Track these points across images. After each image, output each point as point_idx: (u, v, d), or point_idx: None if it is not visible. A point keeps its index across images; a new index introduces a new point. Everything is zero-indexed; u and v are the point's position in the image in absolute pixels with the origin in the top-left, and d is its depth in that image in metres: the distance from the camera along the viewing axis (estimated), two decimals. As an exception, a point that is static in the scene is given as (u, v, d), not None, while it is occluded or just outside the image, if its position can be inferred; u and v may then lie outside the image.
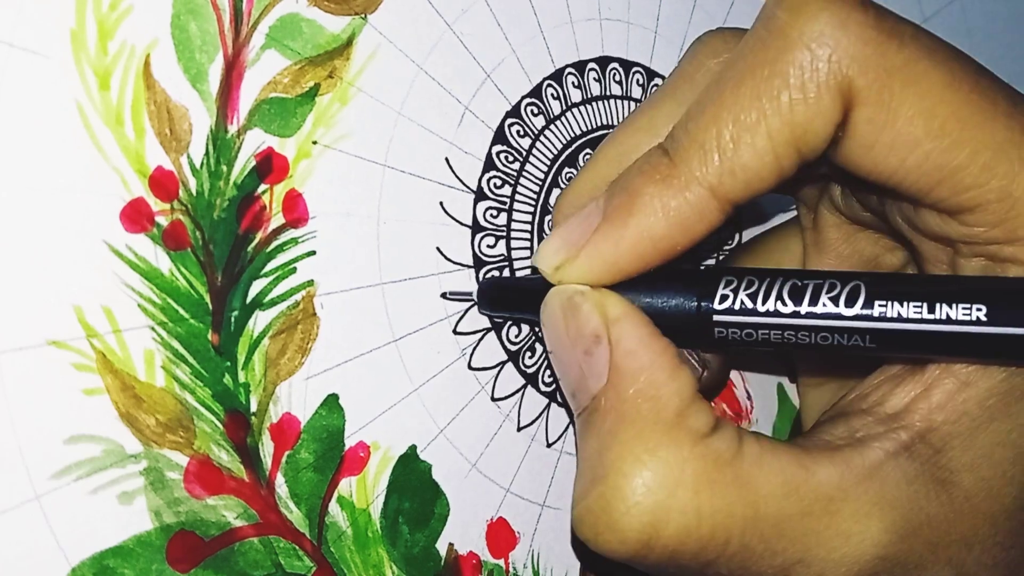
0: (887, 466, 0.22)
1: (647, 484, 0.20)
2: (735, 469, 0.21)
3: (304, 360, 0.24)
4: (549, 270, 0.23)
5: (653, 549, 0.21)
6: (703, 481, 0.20)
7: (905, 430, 0.22)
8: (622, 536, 0.21)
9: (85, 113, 0.20)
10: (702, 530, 0.20)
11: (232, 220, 0.23)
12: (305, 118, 0.24)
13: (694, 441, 0.21)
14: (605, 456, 0.21)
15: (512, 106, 0.29)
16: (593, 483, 0.21)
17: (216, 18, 0.22)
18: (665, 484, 0.20)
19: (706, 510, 0.20)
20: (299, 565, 0.24)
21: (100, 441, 0.20)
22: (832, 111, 0.20)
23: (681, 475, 0.20)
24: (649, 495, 0.20)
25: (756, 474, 0.21)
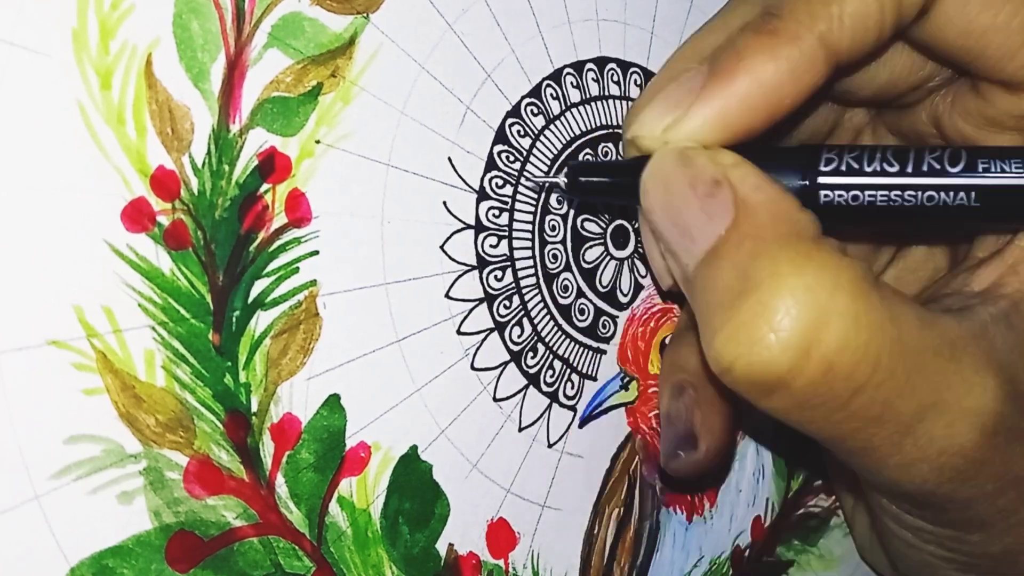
0: (992, 329, 0.21)
1: (806, 286, 0.19)
2: (880, 290, 0.20)
3: (306, 360, 0.24)
4: (656, 132, 0.22)
5: (811, 359, 0.19)
6: (860, 290, 0.19)
7: (1003, 299, 0.22)
8: (782, 339, 0.19)
9: (86, 112, 0.20)
10: (859, 340, 0.19)
11: (234, 220, 0.23)
12: (308, 117, 0.24)
13: (841, 256, 0.20)
14: (751, 273, 0.20)
15: (512, 106, 0.29)
16: (740, 300, 0.19)
17: (218, 17, 0.22)
18: (824, 287, 0.19)
19: (863, 318, 0.19)
20: (299, 565, 0.24)
21: (100, 441, 0.20)
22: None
23: (838, 279, 0.19)
24: (810, 296, 0.19)
25: (895, 300, 0.20)
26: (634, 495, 0.32)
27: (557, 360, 0.30)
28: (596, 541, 0.31)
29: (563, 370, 0.30)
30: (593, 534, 0.31)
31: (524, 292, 0.29)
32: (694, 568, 0.34)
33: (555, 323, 0.30)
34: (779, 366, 0.19)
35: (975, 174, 0.21)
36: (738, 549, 0.36)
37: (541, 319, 0.29)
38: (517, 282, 0.29)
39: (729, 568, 0.35)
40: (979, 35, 0.21)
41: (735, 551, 0.35)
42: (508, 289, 0.28)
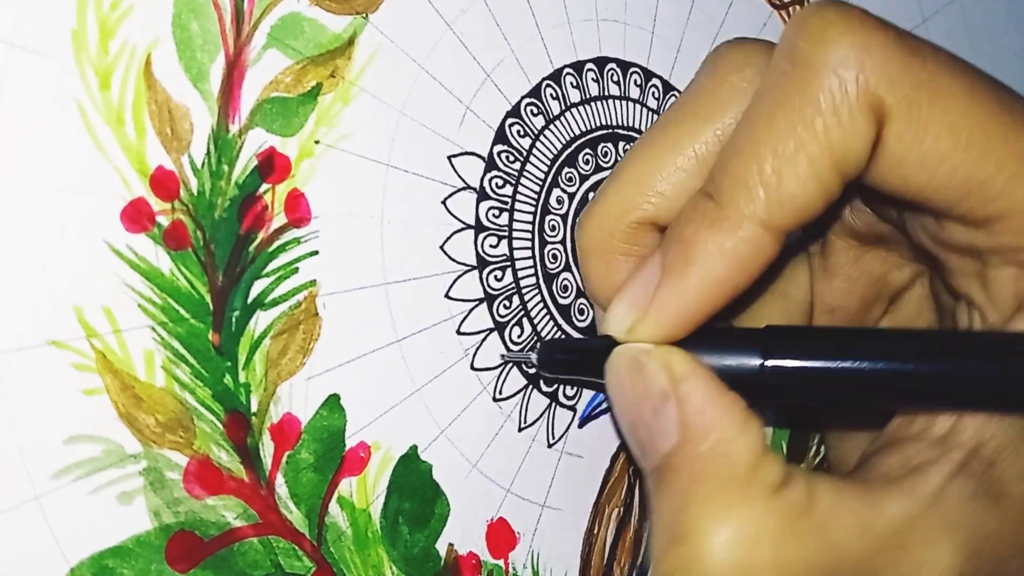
0: (947, 489, 0.22)
1: (728, 542, 0.20)
2: (811, 518, 0.21)
3: (305, 360, 0.24)
4: (622, 334, 0.23)
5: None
6: (782, 535, 0.20)
7: (958, 449, 0.22)
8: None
9: (86, 113, 0.20)
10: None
11: (233, 220, 0.23)
12: (307, 118, 0.24)
13: (769, 495, 0.21)
14: (682, 517, 0.21)
15: (512, 106, 0.29)
16: (671, 544, 0.21)
17: (217, 17, 0.22)
18: (745, 541, 0.20)
19: (790, 562, 0.20)
20: (299, 565, 0.24)
21: (100, 441, 0.20)
22: (867, 130, 0.21)
23: (760, 530, 0.20)
24: (731, 553, 0.20)
25: (831, 520, 0.21)
26: (634, 495, 0.32)
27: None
28: (596, 541, 0.31)
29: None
30: (593, 534, 0.31)
31: (524, 292, 0.29)
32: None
33: (555, 323, 0.30)
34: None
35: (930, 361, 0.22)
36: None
37: (541, 319, 0.29)
38: (517, 282, 0.29)
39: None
40: (917, 190, 0.21)
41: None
42: (508, 289, 0.28)
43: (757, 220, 0.21)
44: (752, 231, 0.21)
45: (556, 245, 0.30)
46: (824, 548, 0.20)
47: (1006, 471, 0.22)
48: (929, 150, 0.21)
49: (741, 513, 0.20)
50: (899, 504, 0.21)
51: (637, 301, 0.23)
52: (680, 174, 0.25)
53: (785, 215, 0.21)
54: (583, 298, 0.31)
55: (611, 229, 0.26)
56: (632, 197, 0.25)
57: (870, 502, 0.21)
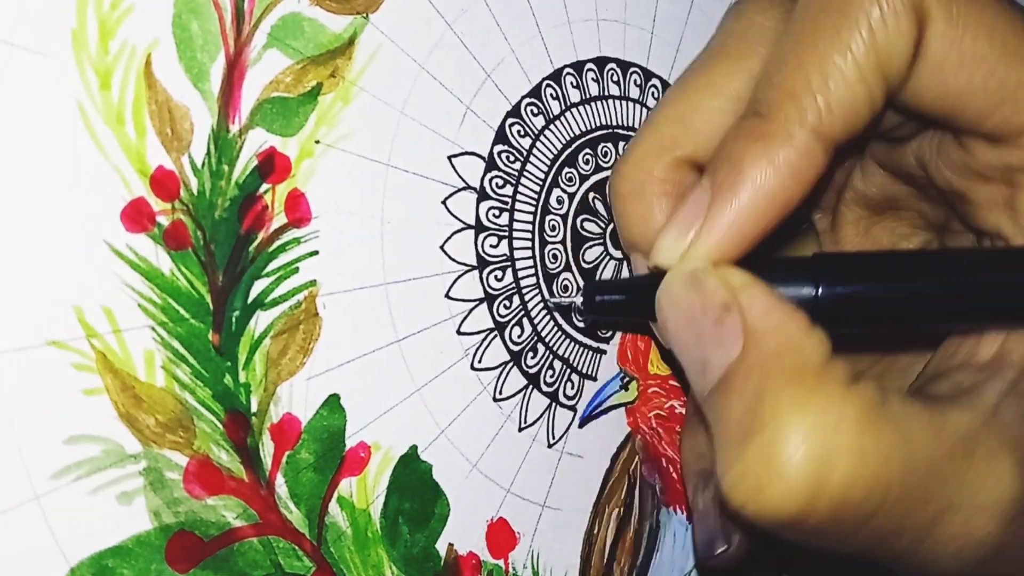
0: (1002, 406, 0.21)
1: (809, 428, 0.19)
2: (887, 413, 0.20)
3: (306, 360, 0.24)
4: (674, 258, 0.23)
5: (821, 498, 0.19)
6: (864, 422, 0.20)
7: (1009, 369, 0.22)
8: (790, 484, 0.19)
9: (86, 113, 0.20)
10: (867, 472, 0.19)
11: (234, 220, 0.23)
12: (307, 117, 0.24)
13: (845, 387, 0.20)
14: (757, 412, 0.20)
15: (512, 106, 0.29)
16: (747, 438, 0.20)
17: (218, 17, 0.22)
18: (826, 427, 0.19)
19: (870, 452, 0.20)
20: (299, 565, 0.24)
21: (100, 441, 0.20)
22: (910, 29, 0.21)
23: (842, 417, 0.20)
24: (813, 439, 0.19)
25: (905, 418, 0.20)
26: (634, 495, 0.32)
27: (557, 360, 0.30)
28: (596, 541, 0.31)
29: (563, 370, 0.30)
30: (593, 534, 0.31)
31: (524, 292, 0.29)
32: (694, 568, 0.34)
33: (555, 323, 0.30)
34: (789, 509, 0.20)
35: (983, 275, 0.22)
36: (738, 549, 0.36)
37: (541, 319, 0.29)
38: (517, 282, 0.29)
39: (729, 568, 0.35)
40: (955, 97, 0.21)
41: (735, 551, 0.35)
42: (508, 289, 0.28)
43: (808, 128, 0.21)
44: (803, 140, 0.21)
45: (556, 245, 0.30)
46: (902, 442, 0.20)
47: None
48: (968, 50, 0.21)
49: (819, 401, 0.20)
50: (962, 415, 0.21)
51: (688, 225, 0.22)
52: (715, 114, 0.25)
53: (835, 122, 0.21)
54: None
55: (649, 169, 0.25)
56: (670, 135, 0.25)
57: (938, 411, 0.21)
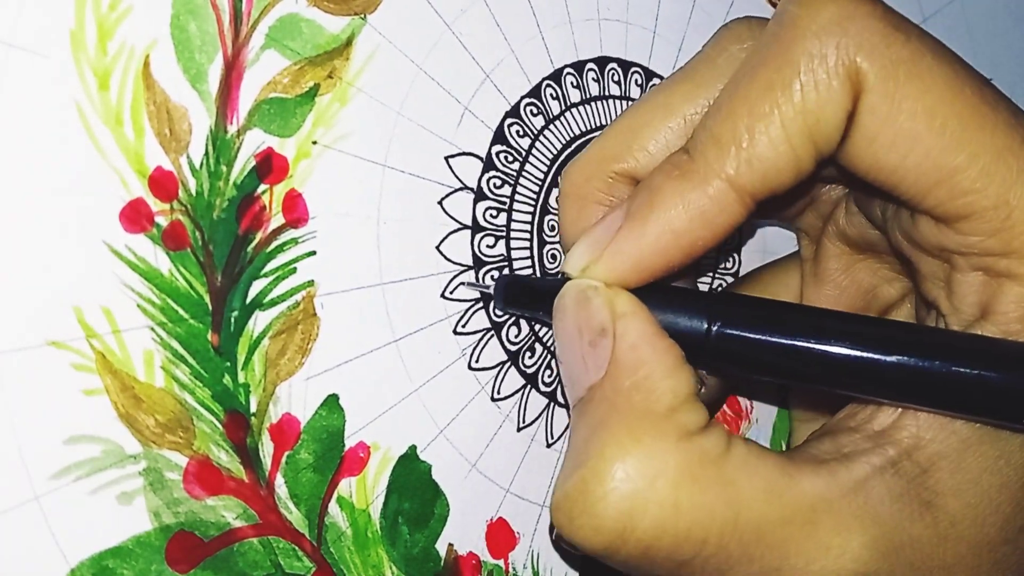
0: (872, 481, 0.21)
1: (627, 471, 0.20)
2: (719, 468, 0.21)
3: (304, 360, 0.24)
4: (576, 271, 0.23)
5: (627, 541, 0.20)
6: (685, 476, 0.20)
7: (893, 446, 0.22)
8: (597, 523, 0.20)
9: (84, 113, 0.20)
10: (679, 526, 0.20)
11: (232, 220, 0.23)
12: (305, 118, 0.24)
13: (680, 436, 0.21)
14: (590, 443, 0.21)
15: (512, 106, 0.29)
16: (574, 469, 0.21)
17: (215, 18, 0.22)
18: (645, 473, 0.20)
19: (685, 505, 0.20)
20: (298, 566, 0.24)
21: (99, 441, 0.20)
22: (842, 97, 0.20)
23: (663, 466, 0.20)
24: (628, 482, 0.20)
25: (740, 476, 0.21)
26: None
27: (555, 360, 0.30)
28: (597, 541, 0.31)
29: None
30: (594, 534, 0.31)
31: (523, 292, 0.29)
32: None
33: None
34: (596, 544, 0.20)
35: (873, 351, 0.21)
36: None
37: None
38: (516, 282, 0.28)
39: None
40: (889, 172, 0.21)
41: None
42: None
43: (724, 177, 0.21)
44: (718, 187, 0.21)
45: (555, 245, 0.30)
46: (726, 501, 0.20)
47: (942, 482, 0.22)
48: (902, 129, 0.21)
49: (647, 445, 0.20)
50: (816, 482, 0.21)
51: (597, 242, 0.23)
52: (668, 134, 0.25)
53: (754, 177, 0.21)
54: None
55: (591, 176, 0.26)
56: (617, 149, 0.25)
57: (787, 472, 0.21)
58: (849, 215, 0.27)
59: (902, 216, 0.24)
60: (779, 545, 0.20)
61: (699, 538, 0.20)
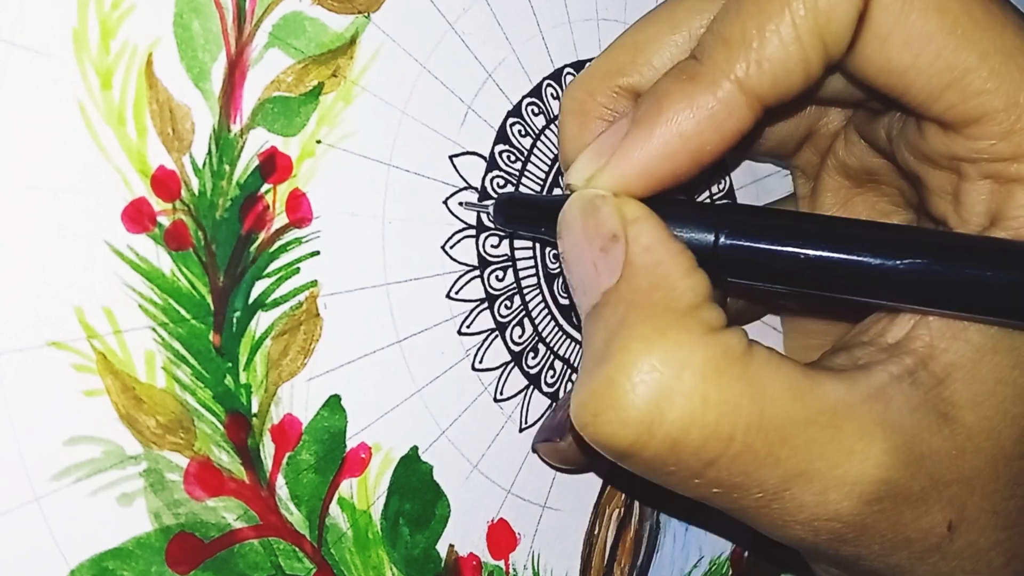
0: (891, 389, 0.21)
1: (654, 363, 0.19)
2: (744, 365, 0.20)
3: (306, 361, 0.24)
4: (581, 181, 0.23)
5: (655, 435, 0.19)
6: (711, 369, 0.20)
7: (909, 355, 0.22)
8: (624, 416, 0.19)
9: (87, 112, 0.20)
10: (707, 419, 0.19)
11: (235, 220, 0.22)
12: (309, 117, 0.24)
13: (705, 330, 0.20)
14: (612, 342, 0.20)
15: (513, 106, 0.29)
16: (597, 367, 0.20)
17: (219, 17, 0.22)
18: (672, 365, 0.19)
19: (712, 398, 0.19)
20: (299, 567, 0.24)
21: (100, 442, 0.20)
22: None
23: (690, 358, 0.19)
24: (655, 373, 0.19)
25: (764, 374, 0.20)
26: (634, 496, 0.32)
27: (558, 360, 0.30)
28: (596, 542, 0.31)
29: (564, 371, 0.30)
30: (593, 535, 0.31)
31: (525, 292, 0.29)
32: (694, 568, 0.34)
33: (556, 323, 0.30)
34: (622, 440, 0.20)
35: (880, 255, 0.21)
36: (737, 549, 0.36)
37: (542, 319, 0.29)
38: (518, 282, 0.29)
39: (728, 568, 0.35)
40: (900, 75, 0.21)
41: (734, 551, 0.35)
42: (509, 289, 0.28)
43: (734, 79, 0.21)
44: (727, 90, 0.21)
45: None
46: (752, 396, 0.20)
47: (957, 393, 0.22)
48: (914, 27, 0.20)
49: (673, 338, 0.20)
50: (837, 387, 0.21)
51: (602, 150, 0.22)
52: (673, 48, 0.25)
53: (763, 79, 0.21)
54: (584, 298, 0.30)
55: (594, 90, 0.25)
56: (621, 62, 0.25)
57: (809, 376, 0.21)
58: (849, 145, 0.27)
59: (909, 130, 0.23)
60: (803, 447, 0.20)
61: (726, 434, 0.20)
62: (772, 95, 0.21)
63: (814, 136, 0.28)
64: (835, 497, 0.20)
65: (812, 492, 0.20)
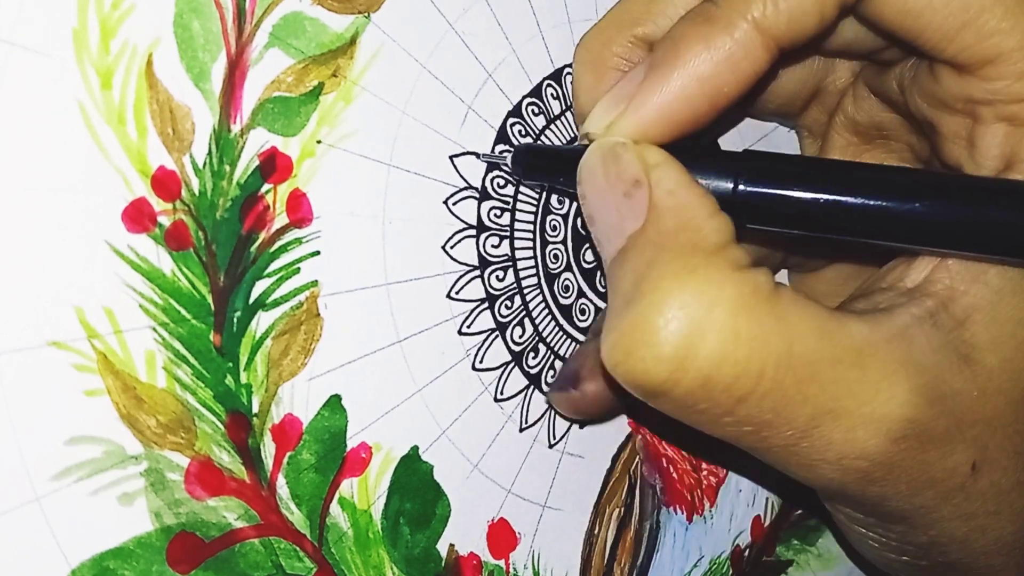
0: (913, 330, 0.21)
1: (685, 300, 0.19)
2: (772, 303, 0.20)
3: (307, 361, 0.24)
4: (600, 129, 0.23)
5: (687, 371, 0.19)
6: (741, 305, 0.20)
7: (929, 298, 0.22)
8: (657, 352, 0.19)
9: (87, 112, 0.20)
10: (738, 354, 0.19)
11: (235, 220, 0.22)
12: (309, 117, 0.24)
13: (733, 268, 0.20)
14: (642, 282, 0.20)
15: (514, 106, 0.29)
16: (628, 307, 0.20)
17: (219, 17, 0.22)
18: (703, 301, 0.19)
19: (744, 334, 0.19)
20: (300, 566, 0.24)
21: (101, 442, 0.20)
22: None
23: (720, 294, 0.20)
24: (687, 309, 0.19)
25: (791, 312, 0.20)
26: (634, 495, 0.32)
27: (559, 361, 0.30)
28: (596, 541, 0.31)
29: (564, 370, 0.30)
30: (593, 534, 0.31)
31: (526, 292, 0.29)
32: (694, 568, 0.34)
33: (556, 323, 0.30)
34: (655, 376, 0.20)
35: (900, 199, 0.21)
36: (738, 549, 0.36)
37: (542, 319, 0.29)
38: (519, 282, 0.29)
39: (729, 568, 0.35)
40: (915, 15, 0.21)
41: (735, 551, 0.35)
42: (510, 289, 0.28)
43: (751, 19, 0.21)
44: (744, 30, 0.21)
45: (557, 245, 0.30)
46: (780, 332, 0.20)
47: (977, 335, 0.22)
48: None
49: (700, 278, 0.20)
50: (862, 327, 0.21)
51: (620, 97, 0.22)
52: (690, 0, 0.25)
53: (779, 19, 0.21)
54: (584, 298, 0.30)
55: (609, 40, 0.26)
56: (636, 12, 0.25)
57: (835, 317, 0.21)
58: (858, 100, 0.27)
59: (922, 76, 0.23)
60: (831, 384, 0.20)
61: (756, 370, 0.20)
62: (788, 36, 0.21)
63: (821, 94, 0.29)
64: (863, 435, 0.20)
65: (841, 430, 0.20)
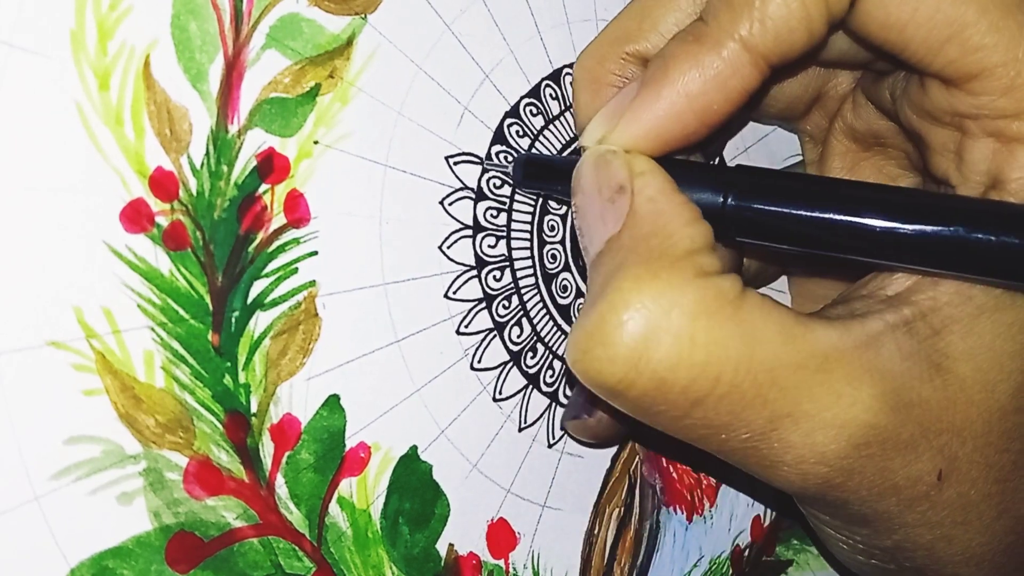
0: (884, 337, 0.21)
1: (643, 302, 0.20)
2: (735, 308, 0.20)
3: (305, 361, 0.24)
4: (593, 142, 0.23)
5: (642, 372, 0.20)
6: (701, 310, 0.20)
7: (908, 307, 0.22)
8: (612, 352, 0.20)
9: (85, 113, 0.20)
10: (694, 358, 0.20)
11: (233, 220, 0.23)
12: (306, 118, 0.24)
13: (698, 275, 0.20)
14: (607, 284, 0.20)
15: (511, 106, 0.29)
16: (591, 307, 0.21)
17: (216, 18, 0.22)
18: (661, 304, 0.20)
19: (701, 339, 0.20)
20: (299, 566, 0.24)
21: (99, 442, 0.20)
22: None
23: (679, 299, 0.20)
24: (643, 311, 0.20)
25: (756, 317, 0.20)
26: (634, 495, 0.32)
27: (557, 360, 0.30)
28: (596, 541, 0.31)
29: (563, 370, 0.30)
30: (593, 534, 0.31)
31: (523, 292, 0.29)
32: (694, 568, 0.34)
33: (554, 323, 0.30)
34: (610, 376, 0.20)
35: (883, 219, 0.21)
36: (738, 549, 0.36)
37: (540, 319, 0.29)
38: (516, 282, 0.29)
39: (729, 568, 0.35)
40: (900, 30, 0.21)
41: (735, 551, 0.35)
42: (507, 289, 0.28)
43: (738, 38, 0.21)
44: (732, 49, 0.21)
45: (555, 245, 0.30)
46: (741, 336, 0.20)
47: (953, 345, 0.22)
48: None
49: (664, 280, 0.20)
50: (830, 333, 0.21)
51: (613, 112, 0.23)
52: (680, 15, 0.25)
53: (767, 37, 0.21)
54: (582, 298, 0.30)
55: (604, 58, 0.26)
56: (630, 30, 0.25)
57: (802, 323, 0.21)
58: (857, 108, 0.27)
59: (912, 88, 0.24)
60: (792, 389, 0.20)
61: (713, 374, 0.20)
62: (776, 54, 0.22)
63: (823, 99, 0.29)
64: (822, 439, 0.21)
65: (799, 433, 0.21)
